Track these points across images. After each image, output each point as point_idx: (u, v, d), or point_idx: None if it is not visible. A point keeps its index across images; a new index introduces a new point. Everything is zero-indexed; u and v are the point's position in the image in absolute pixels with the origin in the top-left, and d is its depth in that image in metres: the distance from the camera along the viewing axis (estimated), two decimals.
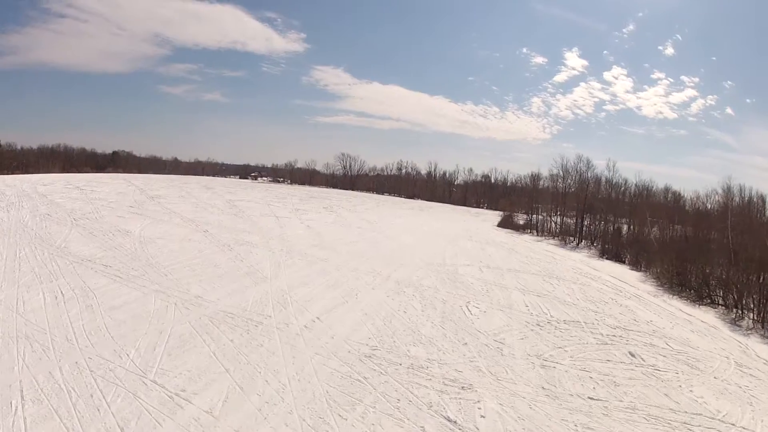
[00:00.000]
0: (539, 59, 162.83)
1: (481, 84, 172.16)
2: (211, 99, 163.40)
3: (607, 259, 50.43)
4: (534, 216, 69.50)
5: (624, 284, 36.27)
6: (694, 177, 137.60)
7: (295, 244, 34.98)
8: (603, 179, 67.17)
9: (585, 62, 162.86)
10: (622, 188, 67.61)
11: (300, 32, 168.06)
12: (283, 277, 25.66)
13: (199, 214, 46.25)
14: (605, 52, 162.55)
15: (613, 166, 67.79)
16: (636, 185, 67.77)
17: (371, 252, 35.68)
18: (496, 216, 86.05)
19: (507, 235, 59.62)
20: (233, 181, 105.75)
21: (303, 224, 46.28)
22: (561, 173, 68.89)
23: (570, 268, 40.59)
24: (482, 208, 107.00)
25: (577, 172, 66.88)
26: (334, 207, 67.31)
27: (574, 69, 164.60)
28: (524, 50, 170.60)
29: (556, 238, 62.16)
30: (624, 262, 49.40)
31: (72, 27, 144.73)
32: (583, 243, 59.87)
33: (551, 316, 24.47)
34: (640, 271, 44.18)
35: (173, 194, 63.01)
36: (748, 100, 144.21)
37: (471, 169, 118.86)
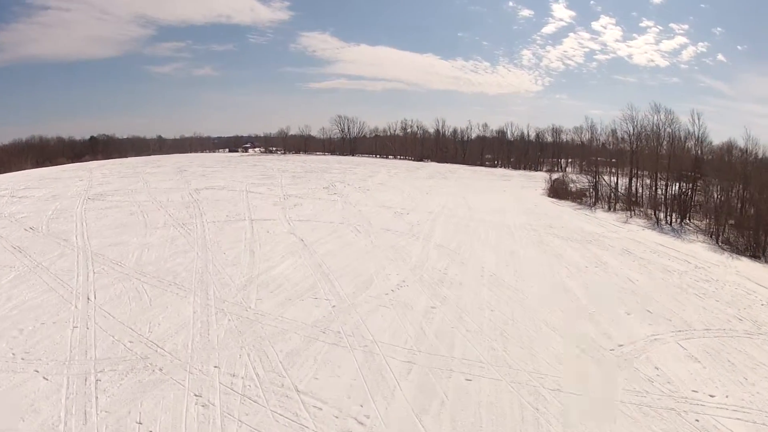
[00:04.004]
0: (526, 12, 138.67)
1: (470, 40, 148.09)
2: (202, 74, 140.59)
3: (733, 252, 30.25)
4: (595, 180, 47.72)
5: None
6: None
7: (269, 329, 13.56)
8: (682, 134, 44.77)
9: (572, 13, 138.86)
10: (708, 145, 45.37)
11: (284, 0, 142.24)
12: None
13: (125, 233, 24.56)
14: (592, 2, 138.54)
15: (698, 119, 43.92)
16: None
17: (452, 331, 14.29)
18: (528, 179, 64.47)
19: (581, 215, 38.46)
20: (218, 157, 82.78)
21: (292, 235, 24.65)
22: (631, 127, 46.62)
23: (757, 304, 20.28)
24: (503, 167, 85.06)
25: (654, 125, 44.68)
26: (338, 185, 45.34)
27: (561, 20, 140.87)
28: (510, 4, 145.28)
29: (633, 213, 41.17)
30: (759, 258, 29.44)
31: (57, 17, 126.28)
32: (673, 221, 39.03)
33: None
34: None
35: (125, 188, 41.07)
36: (739, 47, 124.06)
37: (486, 124, 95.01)
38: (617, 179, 48.02)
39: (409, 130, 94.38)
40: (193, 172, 55.04)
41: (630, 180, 46.47)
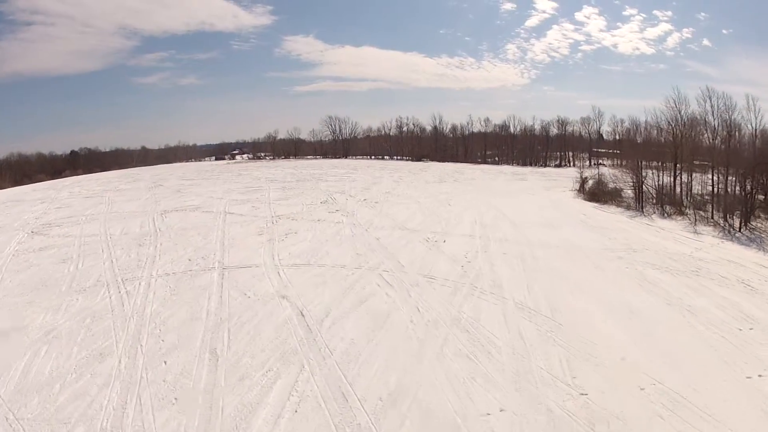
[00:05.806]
0: (508, 5, 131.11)
1: (453, 36, 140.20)
2: (187, 83, 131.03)
3: None
4: (639, 179, 38.78)
5: None
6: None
7: None
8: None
9: (554, 4, 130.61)
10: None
11: (266, 5, 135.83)
12: None
13: (35, 303, 15.02)
14: None
15: (755, 104, 35.62)
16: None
17: None
18: (544, 177, 55.73)
19: (643, 226, 29.70)
20: (202, 167, 72.49)
21: (284, 300, 15.23)
22: (678, 115, 37.99)
23: None
24: (507, 164, 76.11)
25: (710, 113, 36.07)
26: (338, 198, 35.94)
27: (544, 12, 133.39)
28: None
29: (696, 219, 32.50)
30: None
31: (40, 32, 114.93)
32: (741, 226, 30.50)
33: None
34: None
35: (81, 213, 31.68)
36: (724, 31, 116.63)
37: (488, 119, 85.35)
38: (662, 177, 39.41)
39: (405, 128, 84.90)
40: (168, 186, 45.17)
41: (675, 178, 38.07)
